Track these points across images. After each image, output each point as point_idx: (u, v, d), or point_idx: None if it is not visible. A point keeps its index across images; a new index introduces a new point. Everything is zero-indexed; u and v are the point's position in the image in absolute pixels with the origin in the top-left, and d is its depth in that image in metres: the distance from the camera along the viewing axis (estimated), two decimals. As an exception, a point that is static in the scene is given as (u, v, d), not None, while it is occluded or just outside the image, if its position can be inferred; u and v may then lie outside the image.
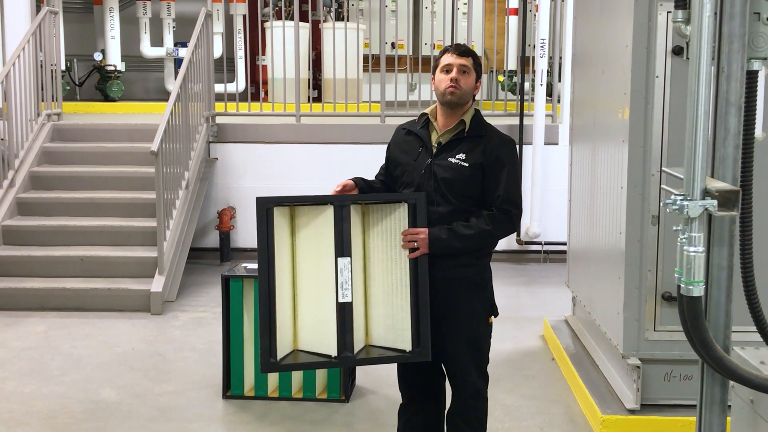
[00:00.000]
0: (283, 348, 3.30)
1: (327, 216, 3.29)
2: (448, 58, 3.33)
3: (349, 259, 3.27)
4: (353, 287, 3.28)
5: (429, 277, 3.27)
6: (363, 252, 3.36)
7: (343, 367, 4.62)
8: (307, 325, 3.34)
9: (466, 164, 3.27)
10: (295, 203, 3.34)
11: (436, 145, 3.36)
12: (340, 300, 3.26)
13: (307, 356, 3.35)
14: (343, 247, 3.26)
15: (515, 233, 8.31)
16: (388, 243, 3.33)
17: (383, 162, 3.62)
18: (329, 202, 3.29)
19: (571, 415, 4.63)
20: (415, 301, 3.27)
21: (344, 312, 3.26)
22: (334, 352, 3.26)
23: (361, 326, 3.35)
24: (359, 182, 3.47)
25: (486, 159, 3.27)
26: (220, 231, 8.30)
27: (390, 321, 3.33)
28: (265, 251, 3.27)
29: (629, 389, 4.33)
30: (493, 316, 3.45)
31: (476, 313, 3.38)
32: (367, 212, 3.37)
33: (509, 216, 3.27)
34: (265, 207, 3.28)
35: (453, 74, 3.29)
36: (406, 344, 3.29)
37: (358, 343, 3.31)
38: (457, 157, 3.29)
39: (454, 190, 3.28)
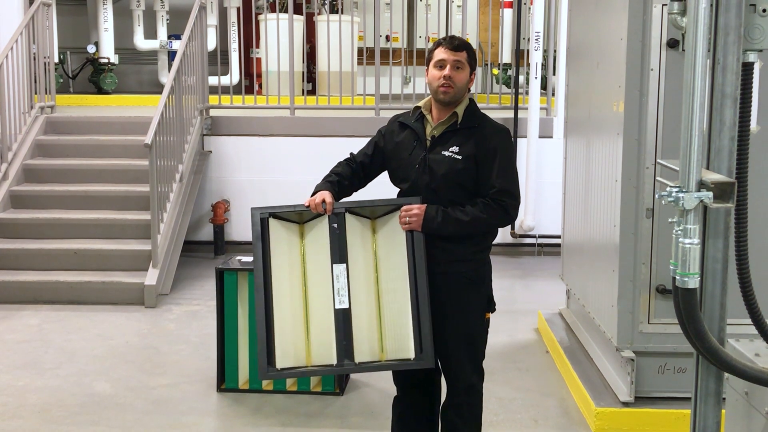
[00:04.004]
0: (286, 359, 3.21)
1: (325, 224, 3.28)
2: (441, 53, 3.24)
3: (344, 265, 3.23)
4: (351, 293, 3.23)
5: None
6: (368, 258, 3.31)
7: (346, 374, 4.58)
8: (313, 336, 3.28)
9: (459, 157, 3.23)
10: (288, 212, 3.31)
11: (429, 139, 3.33)
12: (337, 306, 3.22)
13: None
14: (339, 254, 3.24)
15: (510, 226, 8.36)
16: (389, 248, 3.30)
17: (366, 147, 3.51)
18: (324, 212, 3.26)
19: (565, 408, 4.64)
20: (415, 305, 3.20)
21: (341, 319, 3.21)
22: (335, 361, 3.20)
23: (365, 333, 3.25)
24: (330, 189, 3.35)
25: (479, 150, 3.23)
26: (214, 224, 8.29)
27: (393, 329, 3.26)
28: (260, 262, 3.24)
29: (623, 382, 4.34)
30: (489, 312, 3.43)
31: (471, 308, 3.36)
32: (370, 221, 3.33)
33: (504, 206, 3.22)
34: (260, 217, 3.26)
35: (446, 71, 3.21)
36: (408, 352, 3.21)
37: (363, 353, 3.22)
38: (450, 150, 3.25)
39: (447, 184, 3.25)
